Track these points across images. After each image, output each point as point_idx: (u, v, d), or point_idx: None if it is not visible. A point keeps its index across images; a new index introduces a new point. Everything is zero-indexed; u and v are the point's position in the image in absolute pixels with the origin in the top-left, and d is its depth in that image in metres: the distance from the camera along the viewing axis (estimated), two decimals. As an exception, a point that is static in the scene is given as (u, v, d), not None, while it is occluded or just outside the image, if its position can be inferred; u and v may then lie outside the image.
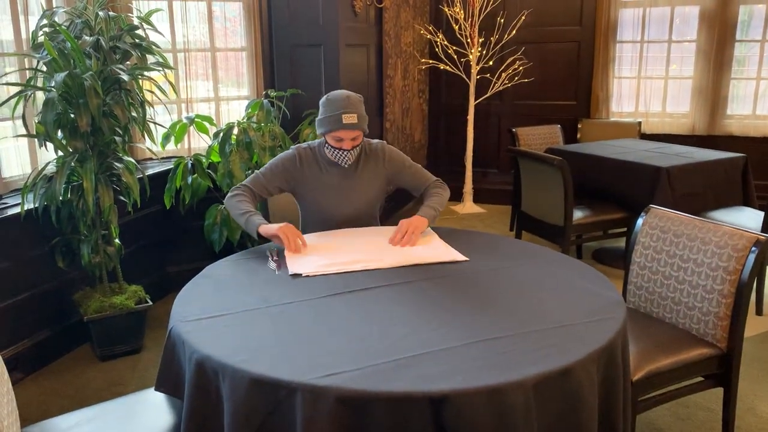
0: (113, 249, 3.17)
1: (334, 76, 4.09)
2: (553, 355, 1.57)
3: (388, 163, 2.68)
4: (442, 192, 2.71)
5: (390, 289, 1.99)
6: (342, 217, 2.64)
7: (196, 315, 1.83)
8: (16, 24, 3.19)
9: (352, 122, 2.45)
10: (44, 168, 2.92)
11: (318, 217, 2.66)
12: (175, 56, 4.00)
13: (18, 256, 2.98)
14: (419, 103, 5.87)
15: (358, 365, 1.53)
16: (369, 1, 4.33)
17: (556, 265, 2.22)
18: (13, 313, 2.97)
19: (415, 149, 5.85)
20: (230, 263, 2.29)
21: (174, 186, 3.56)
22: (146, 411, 1.89)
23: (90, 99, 2.82)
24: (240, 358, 1.56)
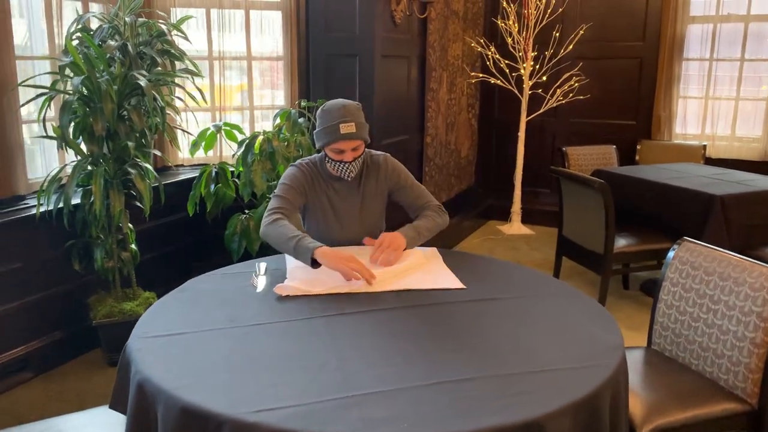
0: (128, 254, 3.16)
1: (369, 87, 3.98)
2: (520, 405, 1.39)
3: (390, 176, 2.53)
4: (436, 217, 2.49)
5: (366, 316, 1.85)
6: (349, 233, 2.50)
7: (156, 332, 1.74)
8: (50, 28, 3.25)
9: (350, 131, 2.31)
10: (60, 170, 2.94)
11: (322, 234, 2.53)
12: (210, 64, 4.00)
13: (33, 256, 3.01)
14: (468, 117, 5.69)
15: (299, 401, 1.39)
16: (409, 12, 4.20)
17: (561, 301, 2.01)
18: (26, 313, 3.00)
19: (462, 165, 5.67)
20: (215, 277, 2.20)
21: (197, 193, 3.53)
22: (100, 429, 1.81)
23: (105, 103, 2.81)
24: (178, 383, 1.45)
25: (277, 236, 2.24)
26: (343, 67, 4.04)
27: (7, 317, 2.92)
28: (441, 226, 2.50)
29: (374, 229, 2.54)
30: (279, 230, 2.25)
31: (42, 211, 2.93)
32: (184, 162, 4.00)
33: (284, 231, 2.23)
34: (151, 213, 3.46)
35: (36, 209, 2.89)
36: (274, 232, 2.25)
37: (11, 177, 3.04)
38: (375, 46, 3.93)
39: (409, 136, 4.58)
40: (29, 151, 3.25)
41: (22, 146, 3.09)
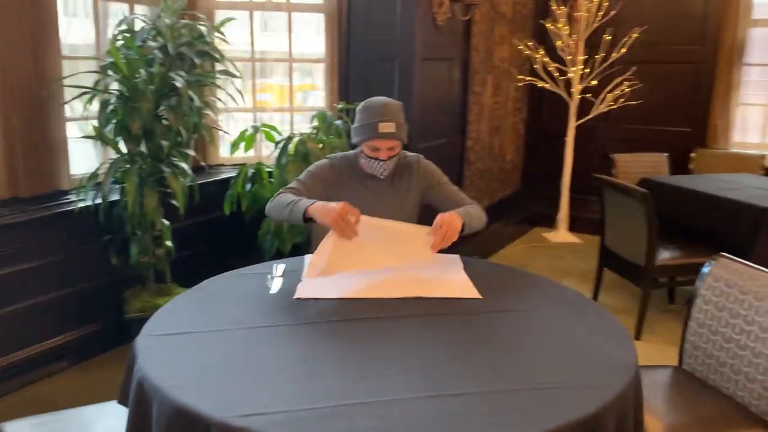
0: (162, 251, 3.23)
1: (408, 90, 3.96)
2: (512, 424, 1.34)
3: (421, 177, 2.50)
4: (478, 209, 2.44)
5: (373, 323, 1.82)
6: None
7: (163, 330, 1.77)
8: (97, 29, 3.36)
9: (389, 131, 2.30)
10: (99, 168, 3.03)
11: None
12: (253, 65, 4.06)
13: (73, 249, 3.11)
14: (514, 122, 5.59)
15: (288, 407, 1.38)
16: (451, 14, 4.15)
17: (578, 315, 1.94)
18: (65, 304, 3.11)
19: (506, 170, 5.57)
20: (232, 277, 2.22)
21: (234, 193, 3.58)
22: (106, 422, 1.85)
23: (141, 103, 2.89)
24: (173, 383, 1.47)
25: (276, 206, 2.30)
26: (383, 70, 4.03)
27: (47, 307, 3.03)
28: (482, 220, 2.44)
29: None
30: (279, 200, 2.30)
31: (82, 206, 3.03)
32: (224, 162, 4.06)
33: (283, 200, 2.28)
34: (190, 211, 3.54)
35: (75, 204, 2.99)
36: (275, 204, 2.31)
37: (55, 172, 3.15)
38: (414, 49, 3.90)
39: (449, 140, 4.54)
40: (75, 147, 3.36)
41: (65, 143, 3.20)
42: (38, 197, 3.07)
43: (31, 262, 2.97)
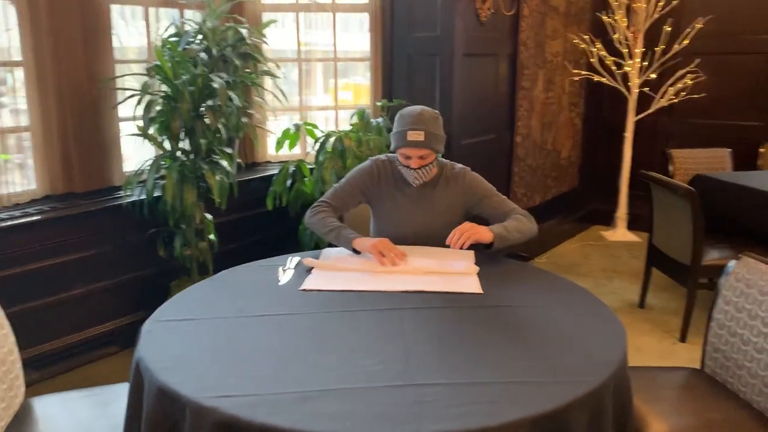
0: (205, 244, 3.39)
1: (449, 86, 3.96)
2: (476, 414, 1.36)
3: (468, 190, 2.51)
4: (526, 222, 2.44)
5: (368, 315, 1.87)
6: (410, 237, 2.51)
7: (169, 316, 1.88)
8: (148, 33, 3.56)
9: (418, 140, 2.33)
10: (143, 164, 3.22)
11: (384, 231, 2.57)
12: (299, 65, 4.18)
13: (123, 241, 3.32)
14: (570, 117, 5.47)
15: (259, 391, 1.45)
16: (493, 9, 4.12)
17: (576, 312, 1.92)
18: (115, 292, 3.32)
19: (562, 167, 5.46)
20: (250, 268, 2.32)
21: (276, 189, 3.71)
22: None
23: (182, 103, 3.05)
24: (162, 365, 1.57)
25: (318, 226, 2.47)
26: (425, 67, 4.05)
27: (98, 295, 3.26)
28: (531, 230, 2.44)
29: (440, 234, 2.42)
30: (320, 222, 2.46)
31: (130, 201, 3.23)
32: (271, 159, 4.21)
33: (324, 222, 2.44)
34: (235, 206, 3.71)
35: (124, 199, 3.20)
36: (317, 223, 2.47)
37: (107, 169, 3.38)
38: (455, 45, 3.90)
39: (496, 136, 4.50)
40: (132, 145, 3.57)
41: (118, 141, 3.42)
42: (91, 192, 3.30)
43: (85, 252, 3.19)
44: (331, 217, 2.47)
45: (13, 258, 2.93)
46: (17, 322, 2.88)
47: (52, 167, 3.18)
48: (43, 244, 3.02)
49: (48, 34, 3.03)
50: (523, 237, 2.39)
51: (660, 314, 3.89)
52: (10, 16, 2.94)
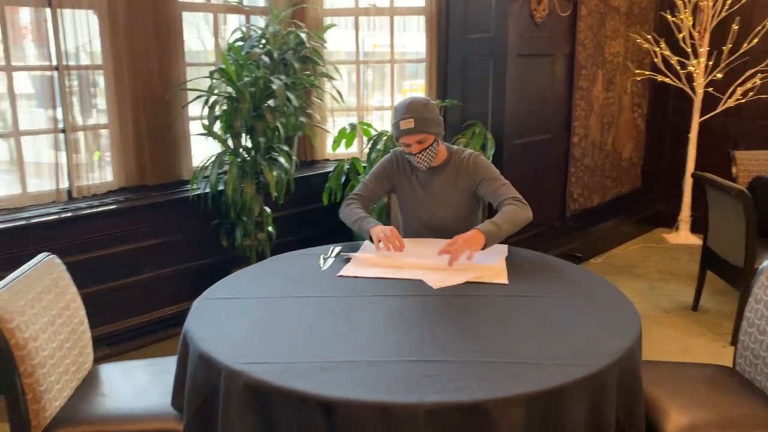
0: (264, 235, 3.62)
1: (501, 86, 4.04)
2: (474, 389, 1.47)
3: (471, 172, 2.64)
4: (516, 210, 2.48)
5: (395, 300, 2.01)
6: (425, 221, 2.68)
7: (218, 295, 2.09)
8: (216, 37, 3.82)
9: (409, 127, 2.48)
10: (208, 160, 3.47)
11: (407, 219, 2.77)
12: (358, 67, 4.36)
13: (189, 231, 3.59)
14: (632, 117, 5.41)
15: (288, 359, 1.62)
16: (548, 10, 4.16)
17: (595, 304, 1.99)
18: (181, 278, 3.59)
19: (623, 168, 5.41)
20: (295, 255, 2.50)
21: (331, 185, 3.90)
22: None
23: (242, 104, 3.28)
24: (203, 335, 1.76)
25: (347, 218, 2.68)
26: (478, 68, 4.14)
27: (166, 280, 3.53)
28: (523, 217, 2.50)
29: (459, 221, 2.65)
30: (349, 213, 2.67)
31: (195, 194, 3.49)
32: (330, 157, 4.40)
33: (351, 214, 2.65)
34: (295, 201, 3.93)
35: (190, 192, 3.46)
36: (346, 215, 2.68)
37: (177, 164, 3.65)
38: (509, 45, 3.97)
39: (552, 136, 4.53)
40: (203, 142, 3.83)
41: (187, 139, 3.69)
42: (162, 185, 3.58)
43: (154, 239, 3.47)
44: (357, 209, 2.66)
45: (91, 243, 3.24)
46: (94, 301, 3.21)
47: (127, 162, 3.47)
48: (117, 231, 3.32)
49: (125, 40, 3.33)
50: (515, 227, 2.45)
51: (713, 317, 3.82)
52: (92, 25, 3.24)
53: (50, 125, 3.20)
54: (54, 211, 3.14)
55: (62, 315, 2.05)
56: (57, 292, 2.06)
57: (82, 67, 3.24)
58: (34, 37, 3.12)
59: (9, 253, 2.87)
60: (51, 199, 3.23)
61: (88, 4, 3.20)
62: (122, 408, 1.99)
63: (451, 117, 4.32)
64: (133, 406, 2.00)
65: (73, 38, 3.17)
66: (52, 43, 3.11)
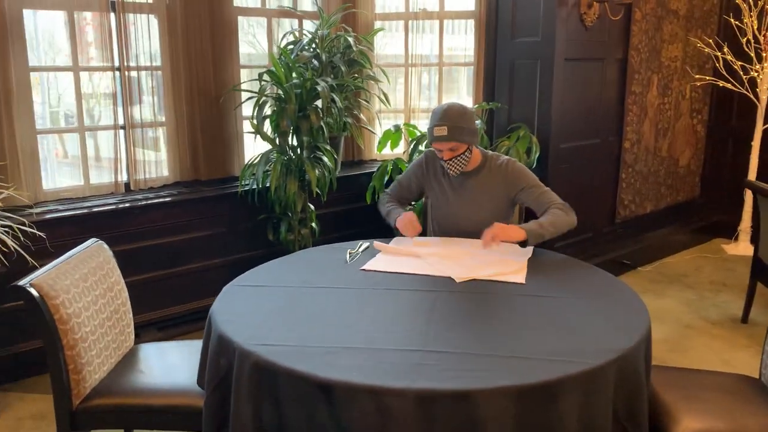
0: (307, 231, 3.76)
1: (548, 90, 4.03)
2: (464, 378, 1.54)
3: (509, 180, 2.67)
4: (561, 215, 2.56)
5: (414, 294, 2.09)
6: (454, 223, 2.74)
7: (247, 282, 2.22)
8: (270, 41, 3.99)
9: (442, 135, 2.54)
10: (255, 157, 3.63)
11: (436, 220, 2.85)
12: (406, 70, 4.44)
13: (236, 224, 3.77)
14: (691, 123, 5.27)
15: (296, 343, 1.73)
16: (597, 15, 4.12)
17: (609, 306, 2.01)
18: (226, 269, 3.76)
19: (679, 175, 5.27)
20: (325, 249, 2.62)
21: (375, 185, 4.00)
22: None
23: (289, 104, 3.42)
24: (225, 318, 1.90)
25: (382, 210, 2.88)
26: (525, 71, 4.15)
27: (214, 270, 3.72)
28: (567, 222, 2.56)
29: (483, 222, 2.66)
30: (381, 207, 2.88)
31: (243, 189, 3.66)
32: (376, 157, 4.51)
33: (383, 209, 2.85)
34: (340, 199, 4.06)
35: (239, 187, 3.63)
36: (381, 208, 2.89)
37: (229, 161, 3.84)
38: (556, 49, 3.97)
39: (601, 140, 4.48)
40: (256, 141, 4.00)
41: (240, 137, 3.88)
42: (214, 180, 3.78)
43: (203, 231, 3.67)
44: (391, 203, 2.86)
45: (145, 232, 3.46)
46: (145, 287, 3.43)
47: (182, 157, 3.68)
48: (169, 222, 3.53)
49: (183, 43, 3.53)
50: (559, 230, 2.51)
51: (762, 330, 3.70)
52: (153, 28, 3.46)
53: (111, 122, 3.43)
54: (112, 201, 3.37)
55: (105, 296, 2.23)
56: (101, 275, 2.25)
57: (142, 68, 3.47)
58: (99, 40, 3.36)
59: (70, 239, 3.11)
60: (110, 191, 3.47)
61: (149, 9, 3.42)
62: (153, 383, 2.15)
63: (498, 120, 4.34)
64: (164, 382, 2.16)
65: (134, 41, 3.40)
66: (115, 45, 3.34)
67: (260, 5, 3.94)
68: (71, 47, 3.28)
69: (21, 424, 2.76)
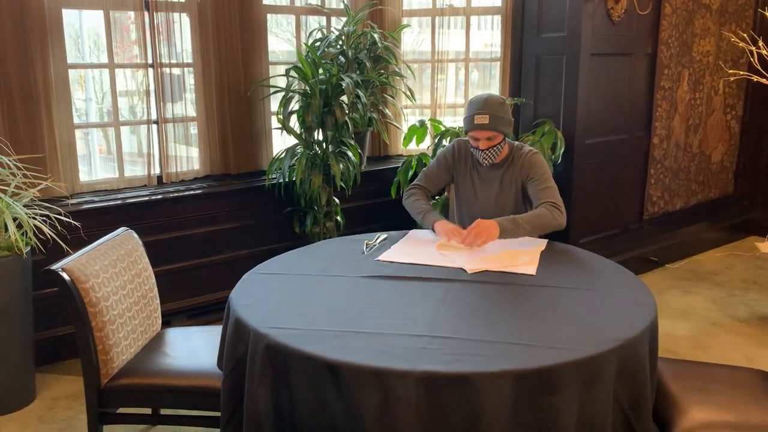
0: (332, 224, 3.84)
1: (573, 86, 4.03)
2: (467, 362, 1.59)
3: (524, 169, 2.72)
4: (546, 214, 2.57)
5: (425, 283, 2.15)
6: (479, 213, 2.75)
7: (267, 270, 2.31)
8: (298, 38, 4.09)
9: (483, 123, 2.58)
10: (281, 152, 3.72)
11: (462, 210, 2.90)
12: (433, 66, 4.49)
13: (264, 217, 3.87)
14: (724, 119, 5.18)
15: (307, 327, 1.81)
16: (624, 9, 4.09)
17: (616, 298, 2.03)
18: (253, 261, 3.77)
19: (712, 172, 5.19)
20: (344, 240, 2.69)
21: (399, 179, 4.06)
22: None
23: (314, 100, 3.51)
24: (243, 302, 1.98)
25: (410, 209, 2.83)
26: (551, 67, 4.16)
27: (242, 261, 3.82)
28: (550, 222, 2.57)
29: (506, 212, 2.74)
30: (412, 204, 2.83)
31: (270, 183, 3.76)
32: (403, 152, 4.57)
33: (415, 206, 2.80)
34: (365, 193, 4.14)
35: (266, 181, 3.74)
36: (409, 206, 2.84)
37: (257, 155, 3.95)
38: (582, 44, 3.96)
39: (628, 136, 4.45)
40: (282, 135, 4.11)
41: (268, 132, 3.98)
42: (243, 174, 3.89)
43: (232, 223, 3.78)
44: (421, 200, 2.81)
45: (176, 223, 3.58)
46: (176, 276, 3.56)
47: (212, 151, 3.80)
48: (199, 214, 3.65)
49: (213, 41, 3.65)
50: (537, 229, 2.54)
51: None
52: (184, 26, 3.58)
53: (144, 117, 3.57)
54: (145, 194, 3.51)
55: (133, 282, 2.35)
56: (130, 261, 2.36)
57: (174, 65, 3.59)
58: (133, 38, 3.50)
59: (104, 229, 3.23)
60: (143, 183, 3.61)
61: (181, 7, 3.55)
62: (177, 365, 2.26)
63: (524, 115, 4.36)
64: (187, 364, 2.27)
65: (167, 38, 3.53)
66: (148, 43, 3.47)
67: (289, 3, 4.03)
68: (107, 45, 3.42)
69: (56, 403, 2.91)
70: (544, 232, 2.58)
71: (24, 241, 2.82)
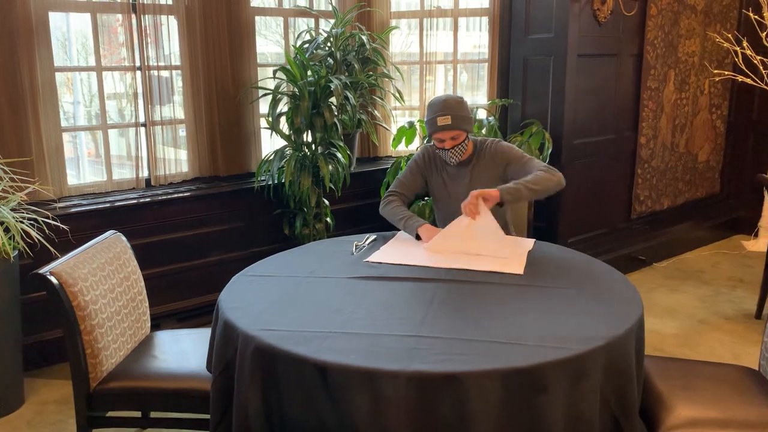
0: (321, 225, 3.84)
1: (561, 86, 4.06)
2: (454, 362, 1.60)
3: (497, 160, 2.76)
4: (545, 174, 2.61)
5: (412, 283, 2.16)
6: (456, 212, 2.77)
7: (255, 272, 2.31)
8: (286, 41, 4.09)
9: (446, 123, 2.62)
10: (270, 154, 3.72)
11: (439, 211, 2.92)
12: (421, 67, 4.51)
13: (253, 219, 3.87)
14: (710, 119, 5.23)
15: (296, 328, 1.81)
16: (610, 10, 4.13)
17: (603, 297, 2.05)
18: (244, 263, 3.79)
19: (698, 171, 5.24)
20: (334, 241, 2.70)
21: (388, 180, 4.07)
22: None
23: (302, 102, 3.52)
24: (232, 305, 1.99)
25: (390, 216, 2.80)
26: (539, 67, 4.19)
27: (230, 263, 3.80)
28: (552, 181, 2.60)
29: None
30: (391, 211, 2.80)
31: (261, 185, 3.76)
32: (392, 154, 4.58)
33: (394, 212, 2.78)
34: (355, 195, 4.14)
35: (255, 183, 3.74)
36: (388, 213, 2.81)
37: (247, 157, 3.95)
38: (569, 45, 3.99)
39: (616, 136, 4.49)
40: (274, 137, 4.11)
41: (255, 133, 3.98)
42: (232, 176, 3.88)
43: (221, 226, 3.78)
44: (400, 207, 2.82)
45: (165, 226, 3.58)
46: (165, 279, 3.55)
47: (201, 154, 3.80)
48: (188, 217, 3.64)
49: (201, 43, 3.64)
50: (540, 189, 2.56)
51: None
52: (172, 29, 3.58)
53: (132, 120, 3.56)
54: (133, 196, 3.50)
55: (122, 285, 2.34)
56: (118, 264, 2.36)
57: (162, 68, 3.59)
58: (121, 41, 3.49)
59: (92, 232, 3.22)
60: (131, 186, 3.60)
61: (169, 10, 3.54)
62: (167, 368, 2.26)
63: (511, 116, 4.38)
64: (176, 367, 2.26)
65: (155, 41, 3.52)
66: (136, 45, 3.46)
67: (277, 5, 4.03)
68: (95, 48, 3.41)
69: (45, 408, 2.89)
70: (547, 191, 2.60)
71: (11, 245, 2.80)
